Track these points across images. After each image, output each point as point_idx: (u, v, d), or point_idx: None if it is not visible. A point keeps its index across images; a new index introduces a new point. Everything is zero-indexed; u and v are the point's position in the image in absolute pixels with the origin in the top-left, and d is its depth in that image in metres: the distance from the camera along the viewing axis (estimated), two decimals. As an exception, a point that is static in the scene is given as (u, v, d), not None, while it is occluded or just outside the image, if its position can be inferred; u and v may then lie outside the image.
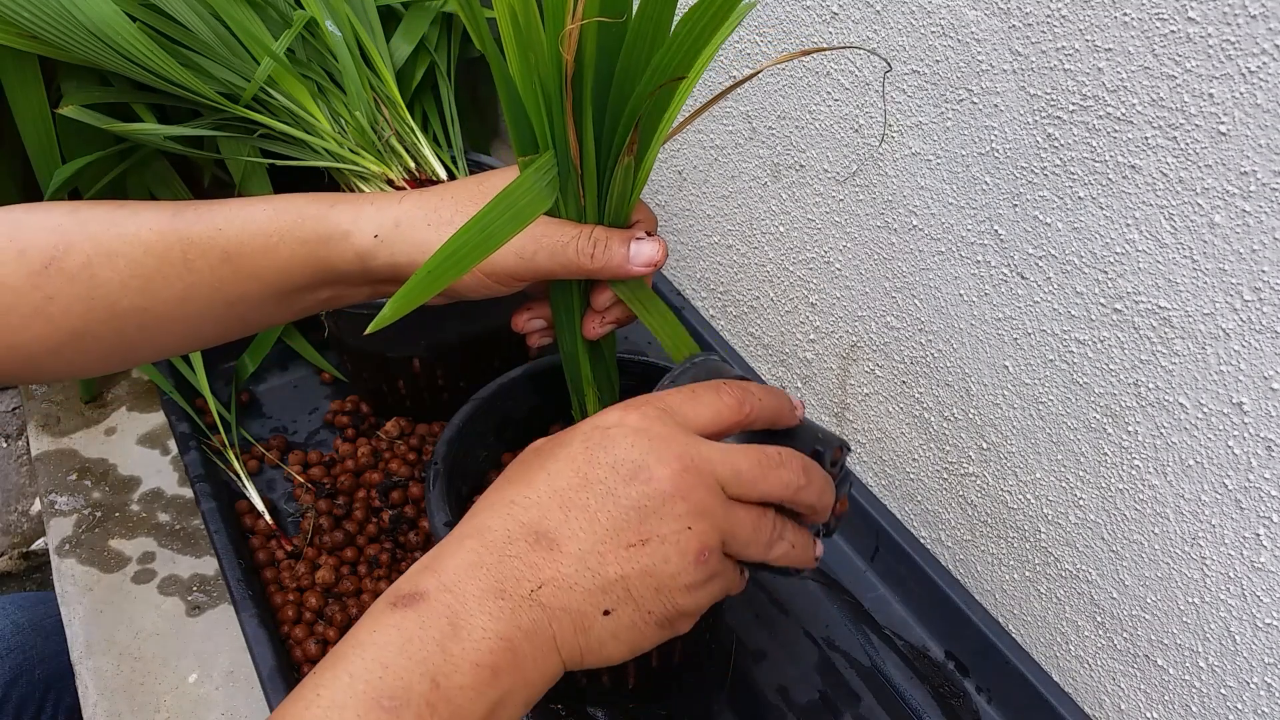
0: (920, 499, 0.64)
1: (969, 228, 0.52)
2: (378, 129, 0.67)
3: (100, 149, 0.69)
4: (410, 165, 0.67)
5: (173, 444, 0.74)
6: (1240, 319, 0.41)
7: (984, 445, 0.57)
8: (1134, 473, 0.49)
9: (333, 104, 0.68)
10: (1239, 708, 0.48)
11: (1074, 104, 0.44)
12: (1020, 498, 0.56)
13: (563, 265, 0.44)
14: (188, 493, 0.71)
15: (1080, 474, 0.52)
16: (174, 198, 0.74)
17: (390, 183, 0.65)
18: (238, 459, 0.71)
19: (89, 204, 0.47)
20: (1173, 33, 0.39)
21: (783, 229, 0.67)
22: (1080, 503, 0.52)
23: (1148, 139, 0.42)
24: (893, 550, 0.64)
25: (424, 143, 0.68)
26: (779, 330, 0.72)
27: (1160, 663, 0.51)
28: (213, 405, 0.72)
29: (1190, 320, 0.43)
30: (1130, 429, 0.48)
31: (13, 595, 0.80)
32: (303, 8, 0.68)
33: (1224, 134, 0.39)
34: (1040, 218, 0.48)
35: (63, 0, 0.59)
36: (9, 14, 0.59)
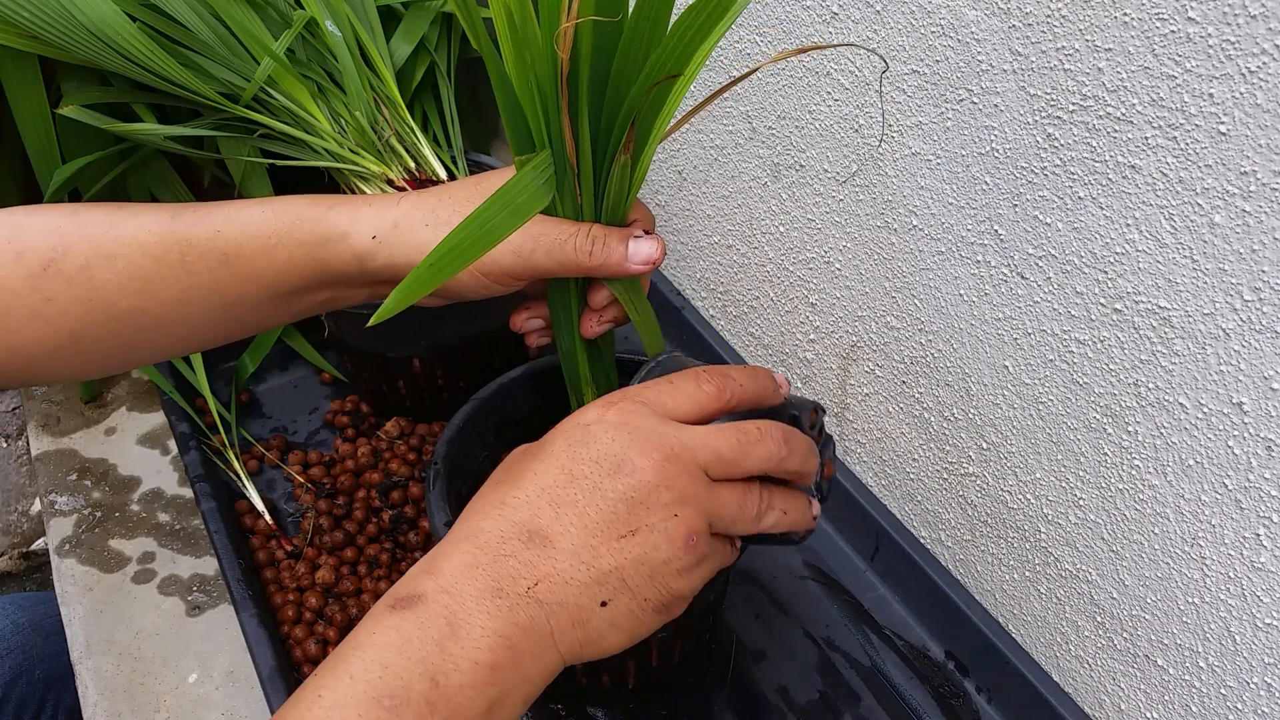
0: (920, 499, 0.64)
1: (969, 228, 0.52)
2: (378, 129, 0.67)
3: (100, 149, 0.69)
4: (410, 165, 0.67)
5: (173, 444, 0.74)
6: (1240, 319, 0.41)
7: (984, 445, 0.57)
8: (1134, 473, 0.49)
9: (333, 104, 0.68)
10: (1239, 708, 0.48)
11: (1074, 104, 0.44)
12: (1020, 498, 0.56)
13: (561, 263, 0.44)
14: (188, 493, 0.71)
15: (1080, 474, 0.52)
16: (174, 198, 0.74)
17: (390, 183, 0.65)
18: (238, 459, 0.71)
19: (88, 206, 0.47)
20: (1173, 33, 0.39)
21: (783, 229, 0.67)
22: (1080, 503, 0.52)
23: (1148, 139, 0.42)
24: (893, 550, 0.64)
25: (424, 143, 0.68)
26: (779, 330, 0.72)
27: (1160, 663, 0.51)
28: (213, 405, 0.72)
29: (1190, 320, 0.43)
30: (1130, 429, 0.48)
31: (13, 595, 0.80)
32: (303, 8, 0.68)
33: (1224, 134, 0.39)
34: (1040, 218, 0.48)
35: (63, 0, 0.59)
36: (9, 14, 0.59)
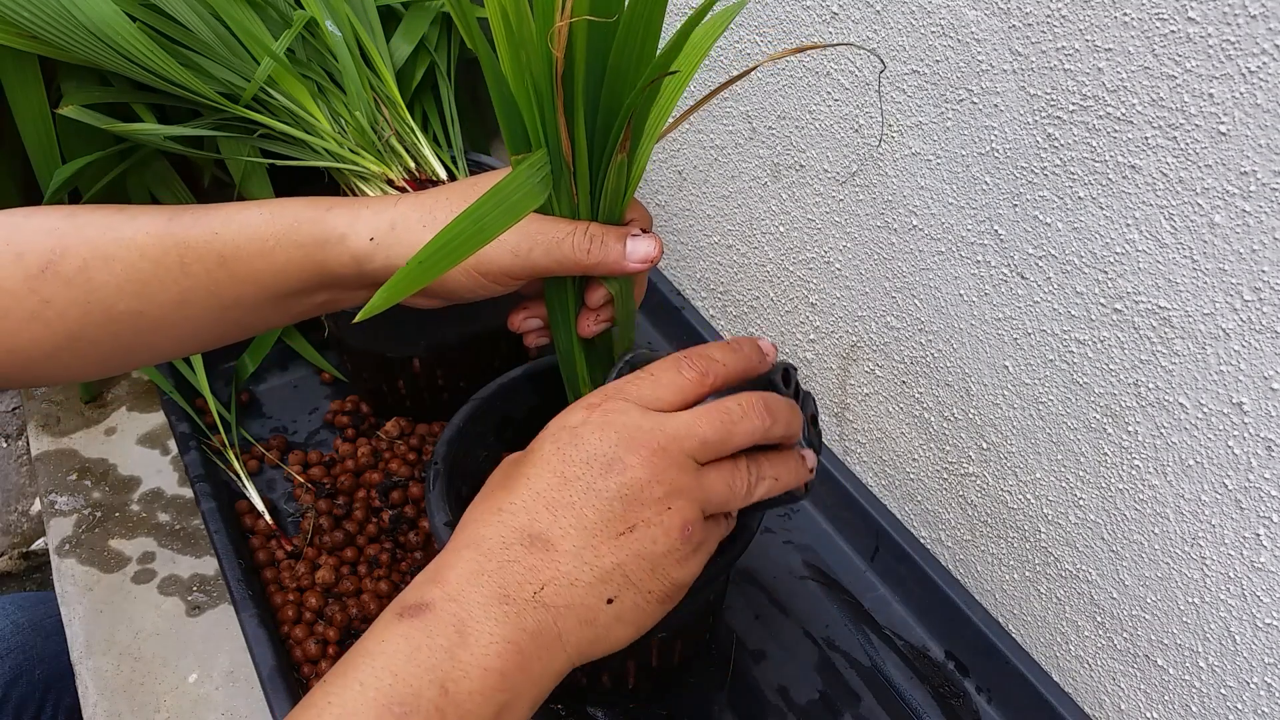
0: (920, 499, 0.64)
1: (969, 228, 0.52)
2: (378, 129, 0.67)
3: (100, 149, 0.69)
4: (410, 165, 0.66)
5: (173, 444, 0.74)
6: (1240, 319, 0.41)
7: (984, 445, 0.57)
8: (1134, 473, 0.49)
9: (333, 104, 0.68)
10: (1239, 708, 0.48)
11: (1074, 104, 0.44)
12: (1020, 498, 0.56)
13: (558, 261, 0.44)
14: (188, 493, 0.71)
15: (1080, 474, 0.52)
16: (174, 198, 0.74)
17: (390, 183, 0.65)
18: (238, 459, 0.71)
19: (86, 208, 0.47)
20: (1173, 33, 0.39)
21: (783, 229, 0.67)
22: (1080, 503, 0.52)
23: (1148, 139, 0.42)
24: (893, 550, 0.64)
25: (424, 143, 0.68)
26: (779, 330, 0.72)
27: (1160, 663, 0.51)
28: (213, 405, 0.72)
29: (1190, 320, 0.43)
30: (1130, 429, 0.48)
31: (13, 595, 0.81)
32: (303, 8, 0.68)
33: (1224, 134, 0.39)
34: (1040, 218, 0.48)
35: (63, 0, 0.59)
36: (9, 14, 0.59)
